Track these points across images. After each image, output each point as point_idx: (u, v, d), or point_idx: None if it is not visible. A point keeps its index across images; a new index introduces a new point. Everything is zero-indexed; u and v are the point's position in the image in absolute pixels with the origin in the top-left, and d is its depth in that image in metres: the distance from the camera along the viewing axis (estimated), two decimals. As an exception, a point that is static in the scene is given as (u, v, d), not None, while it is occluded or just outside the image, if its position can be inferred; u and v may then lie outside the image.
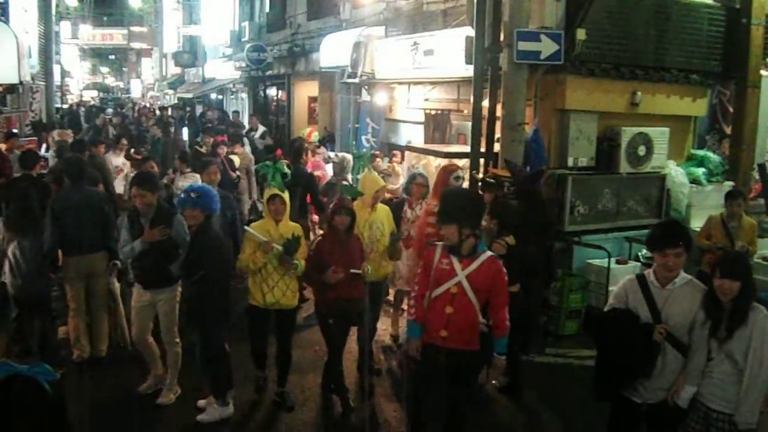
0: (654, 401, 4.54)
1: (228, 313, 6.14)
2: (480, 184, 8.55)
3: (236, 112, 24.85)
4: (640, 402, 4.58)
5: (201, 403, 6.24)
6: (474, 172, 8.88)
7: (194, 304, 5.99)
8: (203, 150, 12.75)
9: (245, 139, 14.78)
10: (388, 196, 10.26)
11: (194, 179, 9.29)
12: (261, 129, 18.34)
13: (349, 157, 10.62)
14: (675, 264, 4.39)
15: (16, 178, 9.03)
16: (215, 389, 6.15)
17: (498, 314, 5.02)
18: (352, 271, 6.01)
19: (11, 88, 16.15)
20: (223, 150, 11.90)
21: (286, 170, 6.43)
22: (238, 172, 11.72)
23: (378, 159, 11.01)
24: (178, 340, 6.49)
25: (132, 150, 13.81)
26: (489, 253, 5.04)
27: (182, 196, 6.09)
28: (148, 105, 39.91)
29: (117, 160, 12.10)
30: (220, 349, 6.09)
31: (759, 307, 4.20)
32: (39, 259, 6.75)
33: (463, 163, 9.54)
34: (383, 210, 7.06)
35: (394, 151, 12.03)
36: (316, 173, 10.83)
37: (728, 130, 10.49)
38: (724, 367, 4.25)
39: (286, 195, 6.20)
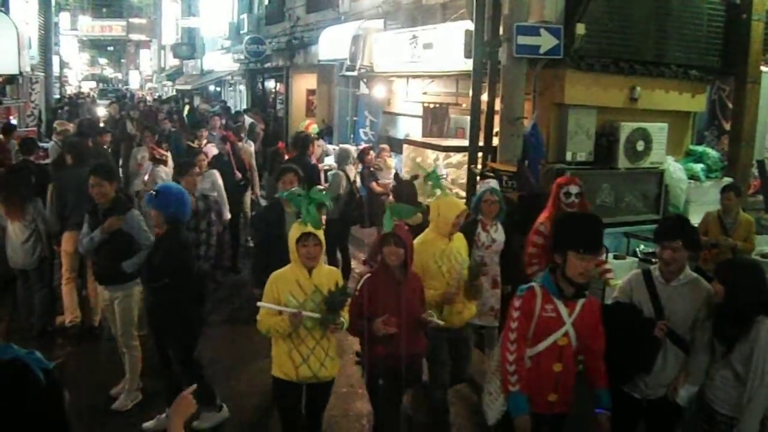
0: (654, 397, 4.55)
1: (195, 323, 5.84)
2: (479, 178, 8.55)
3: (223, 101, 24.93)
4: (640, 398, 4.57)
5: (147, 425, 5.90)
6: (473, 166, 8.87)
7: (155, 314, 5.72)
8: (195, 144, 12.44)
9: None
10: (379, 190, 10.27)
11: (214, 177, 9.24)
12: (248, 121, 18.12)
13: (351, 148, 10.62)
14: (672, 258, 4.39)
15: (15, 164, 9.28)
16: (203, 400, 5.63)
17: (599, 361, 4.23)
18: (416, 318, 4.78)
19: (11, 79, 16.12)
20: (227, 146, 11.22)
21: (325, 200, 4.91)
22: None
23: (371, 153, 10.90)
24: (136, 342, 6.28)
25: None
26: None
27: (148, 197, 5.74)
28: (148, 97, 39.85)
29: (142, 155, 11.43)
30: (190, 362, 5.77)
31: (765, 321, 4.11)
32: (25, 236, 7.51)
33: (460, 157, 9.55)
34: (459, 238, 5.75)
35: (383, 145, 11.74)
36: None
37: (727, 126, 10.45)
38: (725, 372, 4.24)
39: (321, 233, 4.68)
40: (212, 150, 11.44)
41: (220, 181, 9.29)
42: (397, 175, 10.66)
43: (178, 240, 5.64)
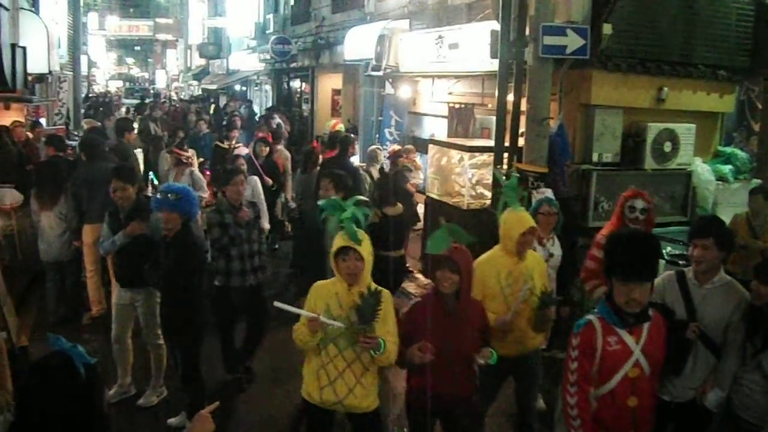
0: (683, 400, 4.50)
1: (202, 328, 5.82)
2: (505, 179, 8.53)
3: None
4: (668, 400, 4.52)
5: (172, 421, 5.92)
6: (498, 167, 8.86)
7: (166, 316, 5.72)
8: (226, 146, 12.34)
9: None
10: (412, 190, 10.27)
11: (253, 184, 8.75)
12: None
13: (379, 150, 10.65)
14: (702, 256, 4.33)
15: (46, 160, 9.64)
16: (191, 405, 5.71)
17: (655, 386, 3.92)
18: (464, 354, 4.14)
19: (40, 78, 16.32)
20: (264, 149, 10.91)
21: (367, 211, 4.36)
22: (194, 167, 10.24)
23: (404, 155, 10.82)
24: (161, 341, 6.29)
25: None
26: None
27: (160, 196, 5.53)
28: (174, 96, 40.14)
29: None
30: (193, 368, 5.73)
31: None
32: (61, 228, 7.90)
33: (486, 157, 9.54)
34: (535, 259, 5.23)
35: (409, 146, 11.74)
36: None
37: (756, 127, 10.38)
38: (754, 376, 4.18)
39: (365, 247, 4.16)
40: (242, 151, 11.32)
41: (259, 188, 9.00)
42: (382, 168, 10.66)
43: (193, 241, 5.63)
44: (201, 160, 12.27)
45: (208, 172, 11.34)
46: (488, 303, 4.85)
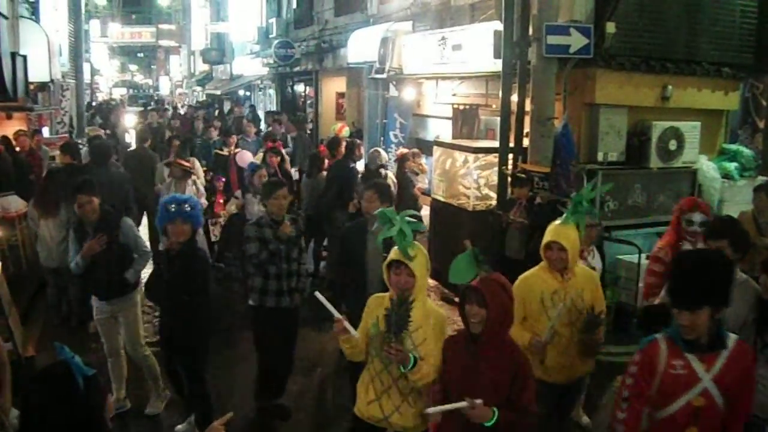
0: None
1: (206, 341, 5.67)
2: (511, 180, 8.54)
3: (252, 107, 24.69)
4: None
5: (179, 428, 5.84)
6: (504, 168, 8.86)
7: (169, 329, 5.58)
8: (225, 153, 12.10)
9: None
10: (417, 193, 10.25)
11: None
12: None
13: (382, 152, 10.61)
14: None
15: (58, 168, 9.87)
16: (198, 420, 5.65)
17: (737, 424, 3.54)
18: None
19: (42, 86, 16.36)
20: (275, 159, 10.51)
21: (419, 229, 4.23)
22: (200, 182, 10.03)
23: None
24: (147, 352, 6.22)
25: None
26: (733, 336, 3.51)
27: (173, 208, 5.30)
28: (178, 103, 40.16)
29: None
30: (198, 382, 5.61)
31: None
32: (61, 236, 7.76)
33: (491, 158, 9.53)
34: (586, 277, 4.78)
35: (414, 149, 11.38)
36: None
37: (761, 124, 10.37)
38: (763, 371, 4.10)
39: (417, 263, 3.96)
40: (245, 157, 11.06)
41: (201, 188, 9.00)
42: (367, 166, 10.63)
43: (199, 254, 5.49)
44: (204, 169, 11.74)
45: (222, 180, 10.93)
46: (532, 324, 4.60)
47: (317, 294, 3.88)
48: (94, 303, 6.15)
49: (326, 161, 10.42)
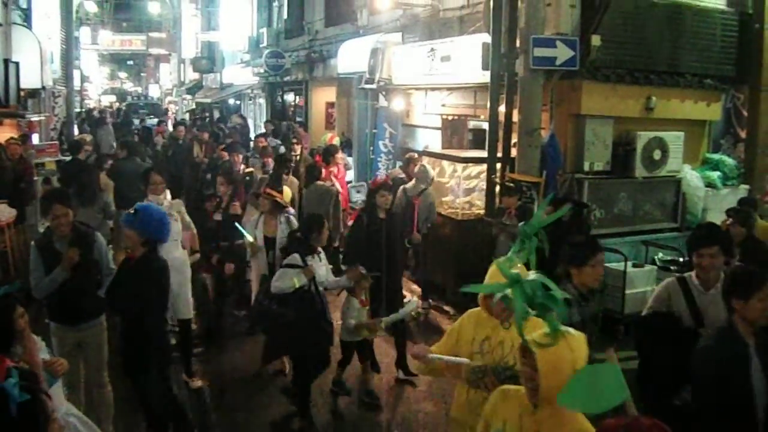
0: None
1: (165, 355, 5.38)
2: (500, 189, 8.67)
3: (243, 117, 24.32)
4: (680, 404, 4.48)
5: None
6: (494, 177, 8.98)
7: (125, 351, 5.21)
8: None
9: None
10: (417, 202, 10.23)
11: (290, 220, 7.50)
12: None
13: (428, 168, 9.66)
14: (710, 265, 4.44)
15: (68, 162, 11.31)
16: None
17: None
18: None
19: (33, 93, 16.39)
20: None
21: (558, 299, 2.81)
22: (291, 210, 8.01)
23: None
24: (108, 383, 5.70)
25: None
26: None
27: (127, 214, 5.20)
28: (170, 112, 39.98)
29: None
30: (153, 411, 5.30)
31: None
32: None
33: (479, 168, 9.64)
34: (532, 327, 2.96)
35: (413, 155, 10.92)
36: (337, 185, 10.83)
37: (743, 134, 10.53)
38: None
39: (551, 356, 2.72)
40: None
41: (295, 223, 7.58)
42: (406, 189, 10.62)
43: (158, 265, 5.16)
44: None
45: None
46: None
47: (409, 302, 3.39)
48: (54, 334, 5.51)
49: (324, 171, 10.50)
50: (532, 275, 2.80)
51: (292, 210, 8.04)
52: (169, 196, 7.39)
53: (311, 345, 6.12)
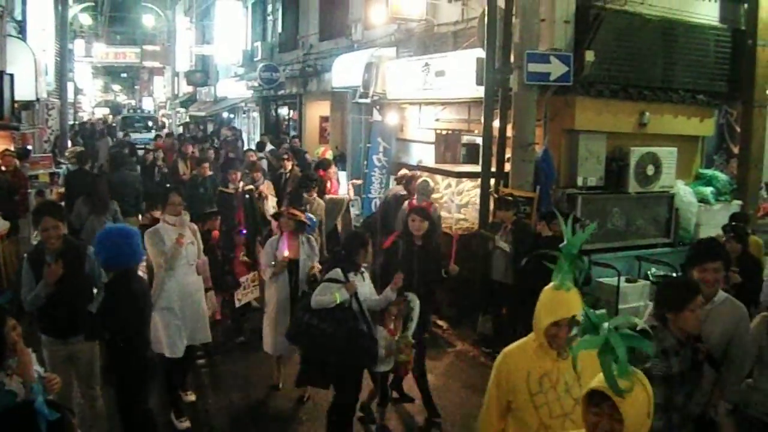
0: (693, 416, 4.45)
1: (142, 376, 5.26)
2: (496, 203, 8.67)
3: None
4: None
5: None
6: (490, 191, 8.99)
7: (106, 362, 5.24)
8: (231, 190, 10.58)
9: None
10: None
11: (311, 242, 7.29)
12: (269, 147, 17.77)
13: (430, 181, 9.54)
14: (715, 279, 4.45)
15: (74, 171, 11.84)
16: None
17: None
18: None
19: (26, 105, 16.38)
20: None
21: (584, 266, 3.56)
22: (313, 237, 7.61)
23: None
24: (100, 396, 5.67)
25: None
26: None
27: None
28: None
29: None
30: (134, 414, 5.23)
31: None
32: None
33: (473, 183, 9.65)
34: (588, 360, 2.85)
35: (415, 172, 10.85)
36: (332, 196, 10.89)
37: (736, 150, 10.58)
38: None
39: (633, 401, 2.51)
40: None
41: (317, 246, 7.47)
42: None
43: (133, 285, 5.14)
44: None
45: (243, 233, 9.17)
46: (518, 414, 3.50)
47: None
48: (45, 347, 5.43)
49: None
50: (620, 320, 2.64)
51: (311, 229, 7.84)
52: (187, 218, 6.83)
53: (351, 366, 5.80)
